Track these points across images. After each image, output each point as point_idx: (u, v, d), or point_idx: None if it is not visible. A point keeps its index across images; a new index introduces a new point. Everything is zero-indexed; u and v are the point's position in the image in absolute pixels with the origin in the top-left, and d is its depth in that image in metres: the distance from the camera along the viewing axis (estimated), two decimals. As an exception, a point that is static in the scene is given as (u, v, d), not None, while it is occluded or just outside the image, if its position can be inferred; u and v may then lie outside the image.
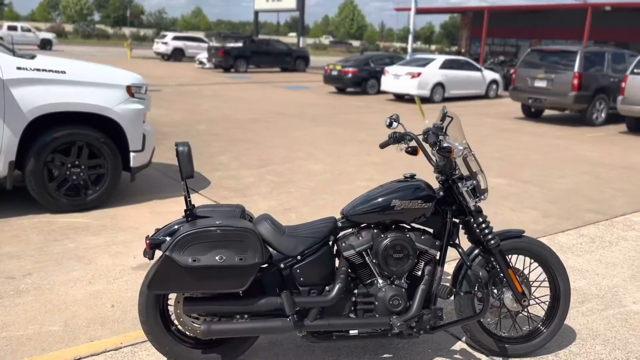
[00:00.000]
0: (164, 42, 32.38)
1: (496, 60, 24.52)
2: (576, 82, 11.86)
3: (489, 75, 17.95)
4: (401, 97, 16.84)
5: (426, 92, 15.74)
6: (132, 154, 5.16)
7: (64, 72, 4.80)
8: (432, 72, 16.04)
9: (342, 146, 8.67)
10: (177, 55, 32.06)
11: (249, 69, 25.54)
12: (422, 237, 2.70)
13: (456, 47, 41.47)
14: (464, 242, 2.86)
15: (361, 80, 17.60)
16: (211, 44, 27.50)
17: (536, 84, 12.58)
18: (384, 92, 17.23)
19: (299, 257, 2.64)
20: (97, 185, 5.06)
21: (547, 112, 13.84)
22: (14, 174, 4.73)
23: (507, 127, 11.68)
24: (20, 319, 3.13)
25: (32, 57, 5.06)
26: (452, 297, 2.80)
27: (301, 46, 31.58)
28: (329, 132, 10.03)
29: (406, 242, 2.63)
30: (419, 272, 2.74)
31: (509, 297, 2.84)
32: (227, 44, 25.78)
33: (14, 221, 4.67)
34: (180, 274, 2.41)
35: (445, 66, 16.46)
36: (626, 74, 11.24)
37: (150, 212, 5.08)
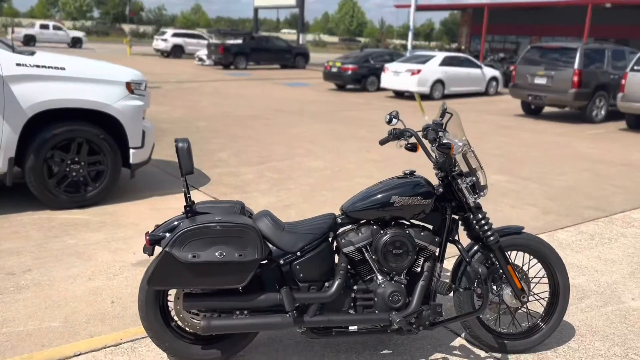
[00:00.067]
0: (163, 39, 32.36)
1: (496, 57, 24.50)
2: (576, 79, 11.85)
3: (489, 72, 17.93)
4: (401, 94, 16.83)
5: (426, 89, 15.73)
6: (131, 151, 5.16)
7: (64, 68, 4.80)
8: (432, 69, 16.03)
9: (342, 143, 8.67)
10: (177, 52, 32.03)
11: (248, 66, 25.52)
12: (422, 234, 2.71)
13: (456, 44, 41.39)
14: (464, 238, 2.87)
15: (361, 77, 17.58)
16: (211, 41, 27.46)
17: (536, 81, 12.57)
18: (384, 89, 17.22)
19: (299, 254, 2.64)
20: (97, 181, 5.06)
21: (547, 109, 13.83)
22: (14, 170, 4.73)
23: (507, 124, 11.68)
24: (20, 315, 3.13)
25: (32, 53, 5.06)
26: (452, 293, 2.81)
27: (301, 43, 31.56)
28: (328, 129, 10.03)
29: (406, 239, 2.63)
30: (419, 269, 2.75)
31: (508, 293, 2.84)
32: (226, 41, 25.75)
33: (13, 217, 4.67)
34: (180, 270, 2.41)
35: (445, 63, 16.43)
36: (626, 71, 11.23)
37: (150, 209, 5.08)
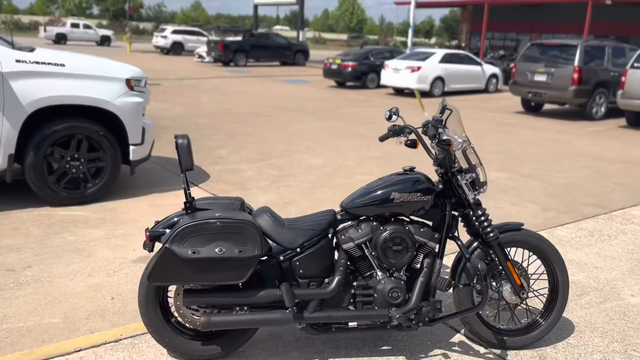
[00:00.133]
0: (163, 36, 32.31)
1: (496, 54, 24.43)
2: (576, 76, 11.84)
3: (489, 69, 17.91)
4: (401, 91, 16.81)
5: (426, 86, 15.71)
6: (131, 147, 5.16)
7: (63, 65, 4.80)
8: (432, 66, 16.00)
9: (342, 140, 8.66)
10: (177, 49, 31.99)
11: (248, 63, 25.49)
12: (421, 230, 2.71)
13: (456, 41, 41.34)
14: (463, 234, 2.87)
15: (361, 74, 17.55)
16: (210, 38, 27.43)
17: (536, 78, 12.56)
18: (384, 86, 17.20)
19: (298, 250, 2.64)
20: (97, 178, 5.06)
21: (547, 106, 13.81)
22: (14, 167, 4.73)
23: (507, 121, 11.68)
24: (20, 311, 3.14)
25: (31, 49, 5.05)
26: (451, 289, 2.82)
27: (301, 40, 31.52)
28: (328, 126, 10.03)
29: (405, 235, 2.63)
30: (418, 265, 2.75)
31: (507, 289, 2.85)
32: (226, 38, 25.72)
33: (13, 214, 4.67)
34: (180, 266, 2.42)
35: (445, 60, 16.41)
36: (626, 68, 11.22)
37: (149, 205, 5.08)
